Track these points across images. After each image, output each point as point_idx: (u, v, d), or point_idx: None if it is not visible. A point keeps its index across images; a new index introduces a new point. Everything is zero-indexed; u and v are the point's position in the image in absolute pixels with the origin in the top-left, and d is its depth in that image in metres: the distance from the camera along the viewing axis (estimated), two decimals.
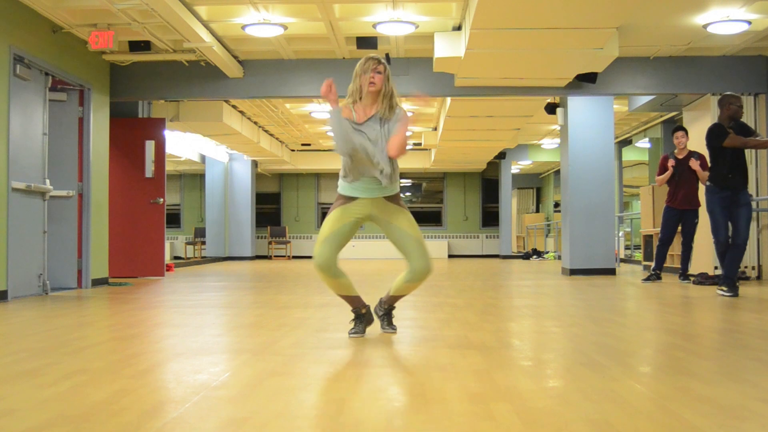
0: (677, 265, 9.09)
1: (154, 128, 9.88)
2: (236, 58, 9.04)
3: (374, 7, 7.40)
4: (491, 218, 20.81)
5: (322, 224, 3.87)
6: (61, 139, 7.81)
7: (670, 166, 8.21)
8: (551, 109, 10.65)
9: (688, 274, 8.40)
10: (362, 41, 8.21)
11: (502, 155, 18.23)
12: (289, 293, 7.24)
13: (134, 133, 9.71)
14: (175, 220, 19.84)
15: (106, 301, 6.67)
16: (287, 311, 5.42)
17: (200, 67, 9.00)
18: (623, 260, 14.46)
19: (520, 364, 3.23)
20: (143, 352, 3.67)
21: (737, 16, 7.42)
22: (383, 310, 4.08)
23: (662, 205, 8.56)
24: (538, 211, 22.77)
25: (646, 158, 15.78)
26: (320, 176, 20.93)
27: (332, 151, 18.25)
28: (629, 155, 16.71)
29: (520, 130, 13.84)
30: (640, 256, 12.77)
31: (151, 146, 9.72)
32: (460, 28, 7.79)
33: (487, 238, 20.88)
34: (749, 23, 7.61)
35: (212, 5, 7.45)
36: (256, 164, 18.26)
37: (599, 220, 10.15)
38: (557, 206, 19.70)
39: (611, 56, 7.73)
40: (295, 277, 10.47)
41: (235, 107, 12.41)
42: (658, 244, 8.48)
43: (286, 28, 7.90)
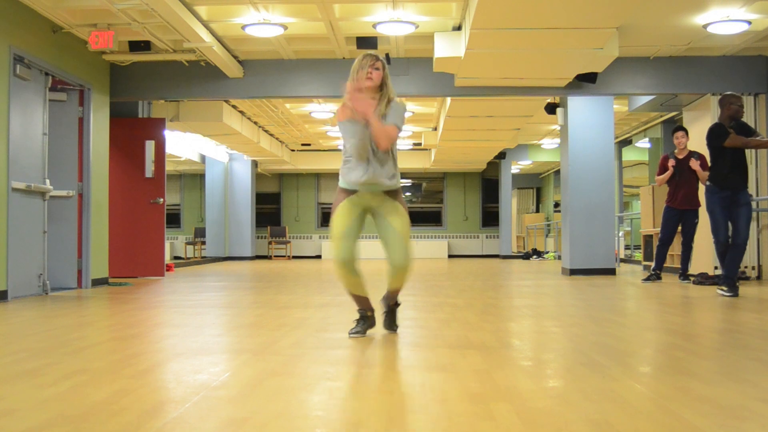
0: (677, 265, 9.09)
1: (154, 128, 9.88)
2: (236, 58, 9.04)
3: (374, 7, 7.40)
4: (491, 218, 20.81)
5: (332, 222, 3.86)
6: (61, 139, 7.81)
7: (670, 166, 8.21)
8: (551, 109, 10.65)
9: (688, 274, 8.41)
10: (362, 41, 8.21)
11: (502, 155, 18.23)
12: (289, 293, 7.24)
13: (134, 133, 9.71)
14: (175, 220, 19.85)
15: (106, 301, 6.67)
16: (287, 311, 5.42)
17: (200, 67, 9.00)
18: (623, 260, 14.46)
19: (520, 364, 3.23)
20: (143, 352, 3.67)
21: (737, 16, 7.42)
22: (386, 306, 4.10)
23: (662, 205, 8.56)
24: (538, 211, 22.77)
25: (646, 158, 15.78)
26: (320, 176, 20.93)
27: (332, 151, 18.26)
28: (629, 155, 16.71)
29: (520, 130, 13.84)
30: (640, 256, 12.77)
31: (151, 146, 9.72)
32: (460, 28, 7.79)
33: (487, 238, 20.88)
34: (749, 23, 7.61)
35: (212, 5, 7.45)
36: (256, 164, 18.26)
37: (599, 220, 10.15)
38: (557, 206, 19.70)
39: (611, 56, 7.73)
40: (295, 277, 10.47)
41: (235, 107, 12.41)
42: (658, 244, 8.48)
43: (286, 28, 7.90)
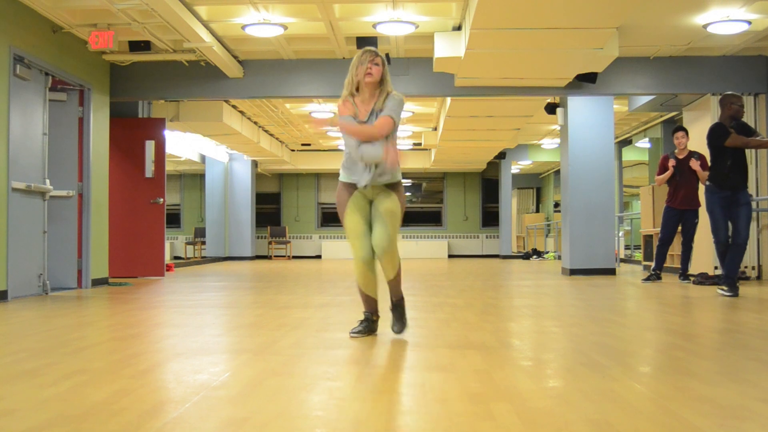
0: (677, 265, 9.09)
1: (154, 128, 9.88)
2: (236, 58, 9.04)
3: (374, 7, 7.40)
4: (491, 218, 20.81)
5: (345, 222, 3.88)
6: (61, 139, 7.81)
7: (670, 166, 8.21)
8: (551, 109, 10.65)
9: (688, 274, 8.41)
10: (362, 41, 8.21)
11: (502, 155, 18.23)
12: (289, 293, 7.24)
13: (134, 133, 9.71)
14: (175, 220, 19.84)
15: (106, 301, 6.67)
16: (287, 311, 5.42)
17: (200, 67, 9.00)
18: (623, 260, 14.46)
19: (520, 364, 3.23)
20: (143, 352, 3.66)
21: (737, 16, 7.42)
22: (391, 303, 4.04)
23: (662, 205, 8.56)
24: (538, 211, 22.77)
25: (646, 158, 15.78)
26: (320, 176, 20.93)
27: (332, 151, 18.26)
28: (629, 155, 16.71)
29: (520, 130, 13.83)
30: (640, 256, 12.77)
31: (151, 146, 9.72)
32: (460, 28, 7.79)
33: (487, 238, 20.88)
34: (749, 23, 7.61)
35: (212, 5, 7.45)
36: (256, 164, 18.26)
37: (599, 220, 10.15)
38: (557, 206, 19.70)
39: (611, 56, 7.73)
40: (295, 277, 10.47)
41: (235, 107, 12.41)
42: (658, 244, 8.48)
43: (286, 28, 7.90)
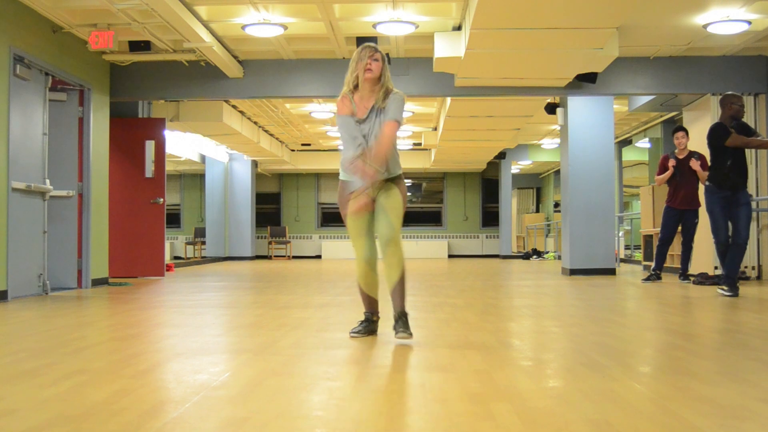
0: (677, 265, 9.09)
1: (154, 128, 9.88)
2: (236, 58, 9.04)
3: (374, 7, 7.40)
4: (491, 218, 20.81)
5: (347, 222, 3.87)
6: (61, 139, 7.81)
7: (670, 166, 8.21)
8: (551, 109, 10.65)
9: (688, 274, 8.41)
10: (362, 41, 8.14)
11: (502, 155, 18.23)
12: (289, 293, 7.24)
13: (134, 133, 9.71)
14: (175, 220, 19.85)
15: (106, 301, 6.67)
16: (287, 311, 5.42)
17: (200, 67, 9.00)
18: (623, 260, 14.46)
19: (520, 364, 3.23)
20: (143, 352, 3.66)
21: (737, 16, 7.42)
22: (395, 312, 3.83)
23: (662, 205, 8.56)
24: (538, 211, 22.77)
25: (646, 158, 15.78)
26: (320, 176, 20.93)
27: (332, 151, 18.26)
28: (629, 155, 16.71)
29: (520, 130, 13.84)
30: (640, 256, 12.77)
31: (151, 146, 9.72)
32: (460, 28, 7.79)
33: (487, 238, 20.87)
34: (749, 23, 7.61)
35: (212, 5, 7.45)
36: (256, 164, 18.26)
37: (599, 220, 10.15)
38: (557, 206, 19.70)
39: (611, 56, 7.73)
40: (295, 277, 10.47)
41: (235, 107, 12.41)
42: (658, 244, 8.48)
43: (286, 28, 7.90)
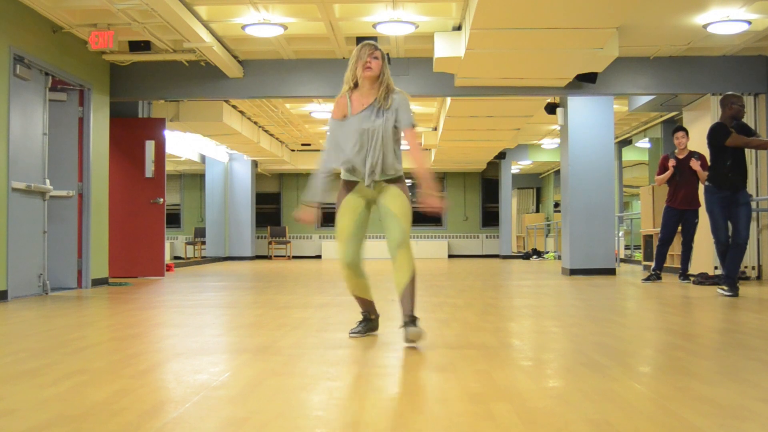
0: (677, 265, 9.08)
1: (154, 128, 9.88)
2: (236, 58, 9.04)
3: (374, 7, 7.40)
4: (491, 218, 20.81)
5: (337, 221, 3.80)
6: (61, 139, 7.81)
7: (670, 166, 8.21)
8: (551, 109, 10.65)
9: (688, 274, 8.40)
10: (362, 41, 8.19)
11: (502, 155, 18.22)
12: (289, 293, 7.24)
13: (134, 133, 9.71)
14: (175, 220, 19.85)
15: (106, 301, 6.67)
16: (287, 311, 5.42)
17: (200, 67, 9.00)
18: (623, 260, 14.46)
19: (520, 364, 3.23)
20: (143, 352, 3.66)
21: (737, 16, 7.42)
22: (405, 316, 3.68)
23: (662, 205, 8.56)
24: (538, 211, 22.77)
25: (646, 158, 15.78)
26: None
27: None
28: (629, 155, 16.71)
29: (520, 130, 13.84)
30: (640, 256, 12.77)
31: (151, 146, 9.72)
32: (460, 28, 7.79)
33: (487, 238, 20.87)
34: (749, 23, 7.61)
35: (212, 5, 7.45)
36: (256, 164, 18.26)
37: (599, 220, 10.15)
38: (557, 206, 19.69)
39: (611, 56, 7.73)
40: (295, 277, 10.47)
41: (235, 107, 12.41)
42: (658, 244, 8.48)
43: (286, 28, 7.90)
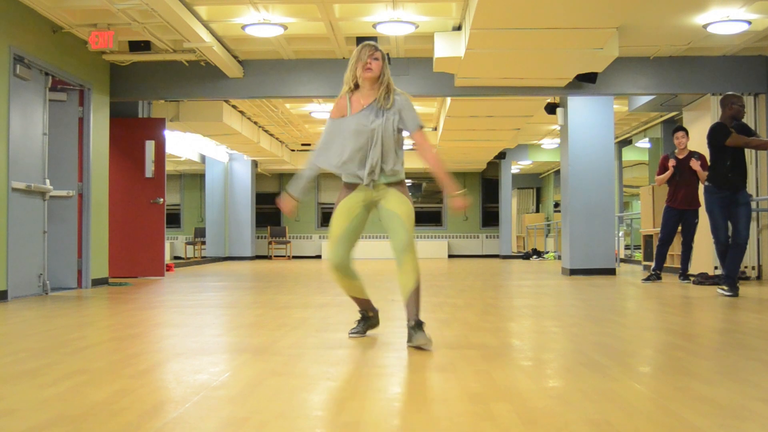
0: (677, 265, 9.09)
1: (154, 128, 9.88)
2: (236, 58, 9.04)
3: (374, 7, 7.40)
4: (491, 218, 20.81)
5: (330, 221, 3.76)
6: (61, 139, 7.81)
7: (670, 166, 8.21)
8: (551, 109, 10.65)
9: (688, 274, 8.40)
10: (362, 41, 8.15)
11: (502, 155, 18.22)
12: (289, 293, 7.24)
13: (134, 133, 9.71)
14: (175, 220, 19.85)
15: (106, 301, 6.67)
16: (287, 311, 5.42)
17: (200, 67, 9.00)
18: (623, 260, 14.46)
19: (520, 364, 3.23)
20: (143, 352, 3.66)
21: (737, 16, 7.42)
22: (410, 321, 3.60)
23: (662, 205, 8.56)
24: (538, 211, 22.77)
25: (646, 158, 15.78)
26: (320, 176, 20.89)
27: None
28: (629, 155, 16.71)
29: (520, 130, 13.84)
30: (640, 256, 12.77)
31: (151, 146, 9.72)
32: (460, 28, 7.79)
33: (487, 238, 20.87)
34: (749, 23, 7.61)
35: (212, 5, 7.45)
36: (256, 164, 18.26)
37: (599, 220, 10.15)
38: (557, 206, 19.69)
39: (611, 56, 7.73)
40: (295, 277, 10.47)
41: (235, 107, 12.41)
42: (658, 244, 8.48)
43: (286, 28, 7.90)
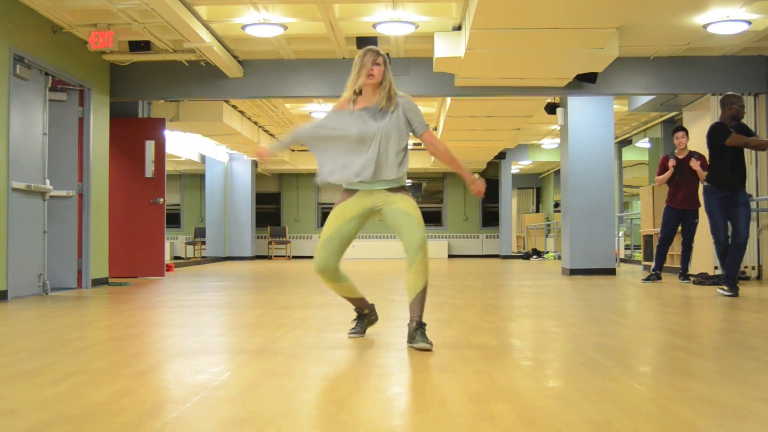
0: (677, 265, 9.09)
1: (154, 128, 9.88)
2: (236, 58, 9.04)
3: (374, 7, 7.40)
4: (491, 218, 20.81)
5: (326, 223, 3.69)
6: (61, 139, 7.81)
7: (670, 166, 8.21)
8: (551, 109, 10.65)
9: (688, 274, 8.41)
10: (362, 41, 8.21)
11: (502, 155, 18.22)
12: (289, 293, 7.24)
13: (134, 133, 9.71)
14: (175, 220, 19.85)
15: (106, 301, 6.67)
16: (287, 311, 5.42)
17: (200, 67, 9.00)
18: (623, 260, 14.46)
19: (520, 364, 3.23)
20: (143, 352, 3.66)
21: (737, 16, 7.42)
22: (412, 324, 3.56)
23: (662, 205, 8.56)
24: (538, 211, 22.77)
25: (646, 158, 15.78)
26: None
27: None
28: (629, 155, 16.71)
29: (520, 130, 13.83)
30: (640, 256, 12.77)
31: (151, 146, 9.72)
32: (460, 28, 7.79)
33: (487, 238, 20.88)
34: (749, 23, 7.61)
35: (212, 5, 7.45)
36: (256, 164, 18.26)
37: (599, 220, 10.15)
38: (557, 206, 19.69)
39: (611, 56, 7.73)
40: (295, 277, 10.47)
41: (235, 107, 12.41)
42: (658, 244, 8.48)
43: (286, 28, 7.90)
